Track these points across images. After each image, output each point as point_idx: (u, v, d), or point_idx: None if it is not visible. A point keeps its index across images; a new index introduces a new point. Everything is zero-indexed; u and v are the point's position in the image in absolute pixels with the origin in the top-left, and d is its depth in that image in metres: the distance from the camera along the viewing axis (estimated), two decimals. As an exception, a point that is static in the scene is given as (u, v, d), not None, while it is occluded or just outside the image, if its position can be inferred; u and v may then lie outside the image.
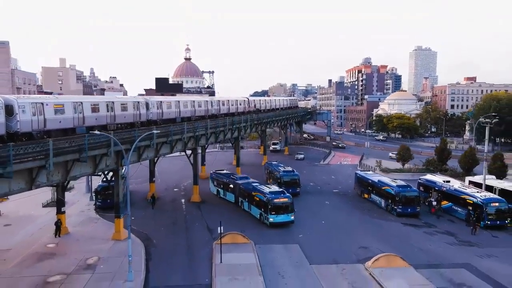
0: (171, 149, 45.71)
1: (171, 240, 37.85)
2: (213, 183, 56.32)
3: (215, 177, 55.81)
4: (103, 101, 36.87)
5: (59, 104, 31.26)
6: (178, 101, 50.33)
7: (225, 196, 52.41)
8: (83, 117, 33.52)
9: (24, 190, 28.14)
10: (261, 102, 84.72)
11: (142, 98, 44.57)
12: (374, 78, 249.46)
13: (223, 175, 54.80)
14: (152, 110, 43.65)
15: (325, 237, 38.62)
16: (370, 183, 52.25)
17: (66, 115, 31.67)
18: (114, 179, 37.82)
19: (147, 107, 42.85)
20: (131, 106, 40.39)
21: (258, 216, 43.10)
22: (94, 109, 34.79)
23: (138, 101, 42.32)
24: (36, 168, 27.33)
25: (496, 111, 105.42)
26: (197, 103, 54.76)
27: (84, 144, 30.24)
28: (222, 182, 53.49)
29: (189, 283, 28.78)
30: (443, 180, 50.50)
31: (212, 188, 56.28)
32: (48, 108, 29.87)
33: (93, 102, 35.39)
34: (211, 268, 30.87)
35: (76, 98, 35.10)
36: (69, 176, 31.49)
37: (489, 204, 41.23)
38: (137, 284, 28.10)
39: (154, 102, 44.54)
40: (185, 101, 52.49)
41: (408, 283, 28.37)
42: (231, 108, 65.96)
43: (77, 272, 30.06)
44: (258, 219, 42.96)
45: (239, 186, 48.68)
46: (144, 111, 42.38)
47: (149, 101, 43.78)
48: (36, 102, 29.07)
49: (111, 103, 37.32)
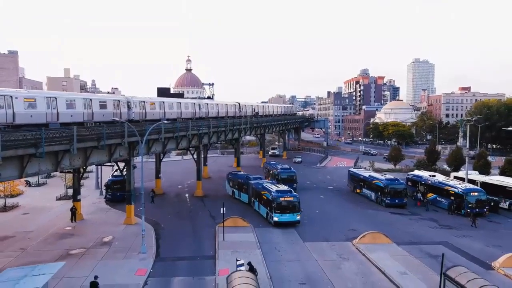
0: (177, 145, 49.40)
1: (178, 224, 41.48)
2: (228, 183, 56.07)
3: (231, 178, 55.51)
4: (80, 98, 35.06)
5: (31, 98, 29.67)
6: (163, 101, 48.16)
7: (240, 196, 51.93)
8: (57, 113, 31.69)
9: (51, 171, 32.02)
10: (259, 107, 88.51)
11: (124, 97, 42.53)
12: (372, 89, 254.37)
13: (239, 175, 54.44)
14: (134, 110, 41.62)
15: (318, 223, 42.20)
16: (362, 178, 56.03)
17: (38, 110, 29.95)
18: (126, 169, 41.56)
19: (128, 107, 40.77)
20: (111, 104, 38.36)
21: (265, 215, 42.64)
22: (69, 105, 32.99)
23: (118, 99, 40.32)
24: (61, 152, 31.15)
25: (487, 118, 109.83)
26: (183, 104, 52.55)
27: (103, 133, 34.08)
28: (237, 183, 53.05)
29: (195, 255, 32.42)
30: (429, 174, 54.38)
31: (228, 189, 56.18)
32: (18, 102, 28.16)
33: (68, 98, 33.55)
34: (214, 244, 34.51)
35: (50, 93, 33.44)
36: (88, 162, 35.24)
37: (469, 194, 44.95)
38: (150, 255, 31.72)
39: (137, 102, 42.53)
40: (171, 102, 50.20)
41: (389, 254, 32.03)
42: (221, 111, 64.36)
43: (95, 247, 33.70)
44: (265, 218, 42.53)
45: (252, 186, 48.02)
46: (125, 111, 40.23)
47: (131, 100, 41.58)
48: (4, 94, 27.25)
49: (88, 100, 35.39)
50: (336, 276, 28.09)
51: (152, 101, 46.22)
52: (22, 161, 28.41)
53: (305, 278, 27.66)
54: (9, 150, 25.55)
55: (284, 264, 30.38)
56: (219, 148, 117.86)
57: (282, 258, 31.56)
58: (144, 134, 36.99)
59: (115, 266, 29.22)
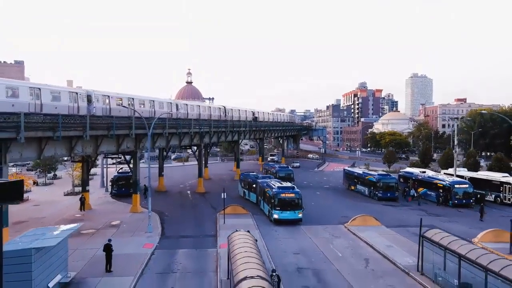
0: (180, 142, 52.18)
1: (181, 213, 43.98)
2: (240, 184, 55.17)
3: (242, 179, 54.70)
4: (26, 86, 31.07)
5: None
6: (133, 98, 43.95)
7: (249, 196, 50.88)
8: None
9: (65, 155, 34.76)
10: (259, 113, 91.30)
11: (83, 90, 38.17)
12: (370, 101, 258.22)
13: (249, 176, 53.38)
14: (96, 105, 37.50)
15: (313, 213, 44.47)
16: (356, 175, 58.69)
17: None
18: (133, 160, 44.21)
19: (88, 100, 36.81)
20: (66, 96, 34.29)
21: (267, 213, 41.37)
22: (12, 94, 28.91)
23: (76, 92, 36.37)
24: (75, 138, 33.91)
25: (481, 125, 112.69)
26: (157, 103, 48.43)
27: (113, 123, 36.83)
28: (247, 183, 52.28)
29: (198, 234, 34.94)
30: (419, 171, 57.05)
31: (240, 190, 55.05)
32: None
33: (10, 85, 29.26)
34: (216, 227, 37.00)
35: None
36: (98, 150, 38.02)
37: (455, 186, 47.54)
38: (155, 234, 34.24)
39: (99, 96, 38.46)
40: (142, 99, 45.88)
41: (378, 233, 34.54)
42: (203, 114, 59.93)
43: (104, 228, 36.20)
44: (267, 216, 41.25)
45: (259, 185, 47.04)
46: (85, 105, 36.17)
47: (92, 93, 37.45)
48: None
49: (37, 89, 31.28)
50: (328, 249, 30.59)
51: (119, 96, 41.82)
52: (40, 143, 31.22)
53: (299, 250, 30.17)
54: (30, 132, 28.31)
55: (281, 240, 32.87)
56: (219, 156, 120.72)
57: (278, 237, 34.07)
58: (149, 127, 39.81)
59: (124, 242, 31.62)
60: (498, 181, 49.70)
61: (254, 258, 19.27)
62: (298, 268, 26.38)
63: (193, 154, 60.38)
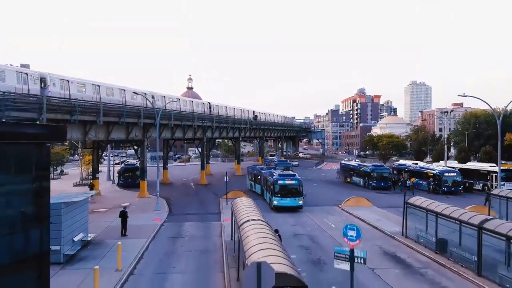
0: (184, 134, 55.05)
1: (186, 198, 46.82)
2: (248, 177, 55.51)
3: (250, 171, 55.18)
4: None
5: None
6: (99, 85, 40.14)
7: (255, 188, 50.97)
8: None
9: (80, 139, 37.54)
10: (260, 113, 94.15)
11: (35, 71, 33.34)
12: (368, 107, 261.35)
13: (255, 168, 54.28)
14: (52, 90, 33.51)
15: (310, 198, 47.20)
16: (351, 168, 61.51)
17: None
18: (140, 149, 47.01)
19: (43, 84, 32.76)
20: (13, 77, 29.99)
21: (268, 201, 41.49)
22: None
23: (26, 72, 32.06)
24: (89, 123, 36.79)
25: (475, 127, 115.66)
26: (129, 93, 44.37)
27: (123, 111, 39.72)
28: (253, 175, 52.55)
29: (202, 212, 37.70)
30: (412, 162, 59.85)
31: (247, 183, 55.25)
32: None
33: None
34: (219, 208, 39.71)
35: None
36: (109, 136, 40.85)
37: (445, 174, 50.31)
38: (163, 212, 36.99)
39: (56, 79, 34.30)
40: (110, 87, 42.12)
41: (370, 211, 37.28)
42: (183, 108, 56.61)
43: (115, 208, 38.71)
44: (269, 204, 41.16)
45: (262, 175, 47.06)
46: (37, 88, 32.14)
47: (47, 76, 33.43)
48: None
49: None
50: (322, 222, 33.33)
51: (81, 82, 37.88)
52: (58, 126, 33.99)
53: (296, 223, 32.95)
54: (51, 114, 31.16)
55: (279, 218, 35.46)
56: (220, 157, 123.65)
57: (277, 216, 36.66)
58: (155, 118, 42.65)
59: (135, 217, 34.22)
60: (485, 171, 52.45)
61: (255, 211, 22.05)
62: (295, 234, 29.12)
63: (195, 147, 63.10)
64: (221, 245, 25.84)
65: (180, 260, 23.03)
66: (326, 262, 22.32)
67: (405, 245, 26.22)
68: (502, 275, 18.50)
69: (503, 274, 18.45)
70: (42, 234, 13.94)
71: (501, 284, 18.31)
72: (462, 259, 21.43)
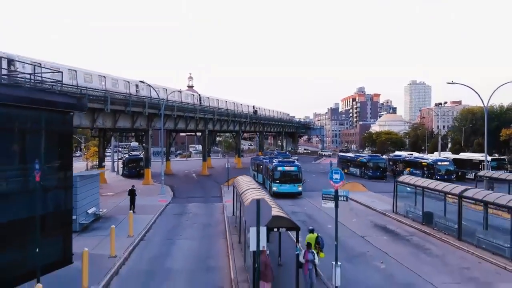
0: (186, 125, 56.90)
1: (188, 186, 48.73)
2: (251, 167, 55.97)
3: (253, 162, 55.90)
4: None
5: None
6: (75, 70, 37.39)
7: (258, 178, 50.14)
8: None
9: (88, 127, 39.40)
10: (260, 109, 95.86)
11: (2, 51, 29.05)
12: (368, 106, 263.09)
13: (258, 158, 55.00)
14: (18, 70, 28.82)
15: (308, 186, 49.24)
16: (349, 159, 63.41)
17: None
18: (145, 138, 48.93)
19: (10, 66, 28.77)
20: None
21: (268, 188, 41.45)
22: None
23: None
24: (97, 111, 38.70)
25: (472, 123, 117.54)
26: (110, 80, 42.13)
27: (129, 100, 41.64)
28: (256, 165, 52.98)
29: (205, 196, 39.62)
30: (407, 153, 61.75)
31: (251, 173, 54.27)
32: None
33: None
34: (220, 192, 41.63)
35: None
36: (116, 125, 42.74)
37: (438, 164, 52.19)
38: (168, 196, 38.89)
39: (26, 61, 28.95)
40: (89, 73, 39.61)
41: (364, 195, 39.21)
42: (171, 99, 52.08)
43: (122, 193, 40.58)
44: (269, 191, 40.13)
45: (264, 164, 47.30)
46: None
47: (15, 56, 29.98)
48: None
49: None
50: (318, 203, 34.65)
51: (55, 66, 33.39)
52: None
53: (294, 204, 34.89)
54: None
55: (278, 200, 37.32)
56: (221, 152, 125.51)
57: (276, 200, 38.62)
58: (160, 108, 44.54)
59: (142, 199, 36.13)
60: (477, 160, 54.27)
61: (255, 184, 24.01)
62: (293, 212, 30.98)
63: (196, 141, 65.00)
64: (223, 220, 27.74)
65: (186, 230, 24.99)
66: (319, 231, 24.20)
67: (395, 219, 28.14)
68: (479, 237, 20.40)
69: (481, 236, 20.35)
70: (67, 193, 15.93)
71: (478, 245, 20.20)
72: (446, 228, 23.34)
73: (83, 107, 18.13)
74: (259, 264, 12.77)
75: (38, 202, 15.32)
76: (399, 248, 21.17)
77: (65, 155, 17.43)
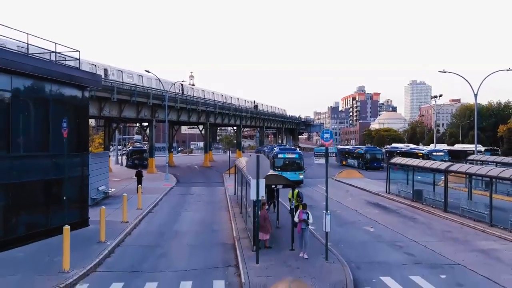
0: (188, 117, 58.51)
1: (191, 175, 50.43)
2: None
3: (256, 152, 54.34)
4: None
5: None
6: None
7: None
8: None
9: (96, 116, 41.10)
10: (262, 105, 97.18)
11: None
12: (368, 104, 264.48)
13: (261, 149, 55.89)
14: None
15: (308, 175, 50.85)
16: (347, 151, 65.09)
17: None
18: (149, 128, 50.59)
19: None
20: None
21: None
22: None
23: None
24: (104, 100, 40.38)
25: (470, 119, 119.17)
26: (88, 65, 38.18)
27: (134, 91, 43.31)
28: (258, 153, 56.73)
29: (207, 181, 41.30)
30: (404, 145, 63.42)
31: None
32: None
33: None
34: (222, 179, 43.28)
35: None
36: (122, 114, 44.41)
37: (433, 154, 53.75)
38: (172, 182, 40.53)
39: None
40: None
41: (360, 181, 40.90)
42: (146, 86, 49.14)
43: (127, 179, 42.38)
44: None
45: (266, 153, 47.42)
46: None
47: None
48: None
49: None
50: (316, 187, 36.98)
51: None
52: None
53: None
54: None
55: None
56: (222, 148, 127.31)
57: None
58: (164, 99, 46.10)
59: (148, 184, 37.72)
60: (471, 151, 55.91)
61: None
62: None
63: (199, 132, 66.56)
64: (226, 198, 29.42)
65: (191, 205, 26.74)
66: (315, 206, 25.86)
67: (387, 198, 29.81)
68: (463, 208, 22.05)
69: (464, 207, 22.01)
70: (83, 159, 17.72)
71: (462, 215, 21.86)
72: (434, 203, 25.02)
73: (97, 84, 19.83)
74: (258, 215, 14.46)
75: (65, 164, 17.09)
76: (389, 218, 22.82)
77: (82, 125, 19.16)
